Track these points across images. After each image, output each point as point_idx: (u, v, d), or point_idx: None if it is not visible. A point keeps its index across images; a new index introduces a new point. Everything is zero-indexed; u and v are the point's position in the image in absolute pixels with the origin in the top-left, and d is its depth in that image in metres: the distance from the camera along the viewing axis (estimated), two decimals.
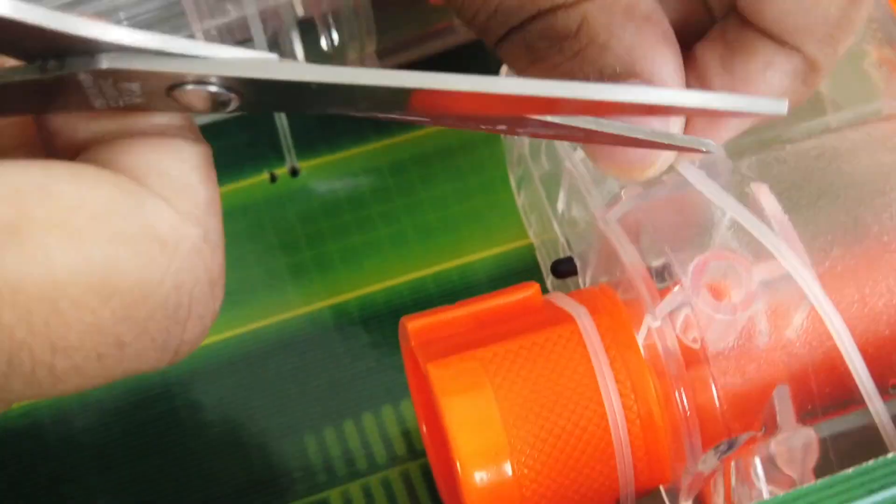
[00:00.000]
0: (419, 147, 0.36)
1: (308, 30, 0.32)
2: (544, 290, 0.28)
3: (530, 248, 0.33)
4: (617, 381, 0.24)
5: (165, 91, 0.18)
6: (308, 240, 0.34)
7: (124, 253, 0.17)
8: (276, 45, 0.32)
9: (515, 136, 0.31)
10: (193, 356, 0.32)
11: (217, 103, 0.19)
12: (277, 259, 0.34)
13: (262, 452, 0.31)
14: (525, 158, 0.31)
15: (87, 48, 0.18)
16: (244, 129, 0.36)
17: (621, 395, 0.24)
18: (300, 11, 0.31)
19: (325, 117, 0.36)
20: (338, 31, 0.33)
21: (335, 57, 0.33)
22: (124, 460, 0.31)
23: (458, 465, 0.24)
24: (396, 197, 0.35)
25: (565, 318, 0.25)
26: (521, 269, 0.34)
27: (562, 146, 0.27)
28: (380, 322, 0.33)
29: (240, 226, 0.34)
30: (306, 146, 0.35)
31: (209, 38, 0.31)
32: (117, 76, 0.18)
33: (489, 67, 0.37)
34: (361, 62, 0.35)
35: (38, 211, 0.17)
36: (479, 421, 0.24)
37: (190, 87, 0.18)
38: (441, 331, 0.26)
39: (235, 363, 0.32)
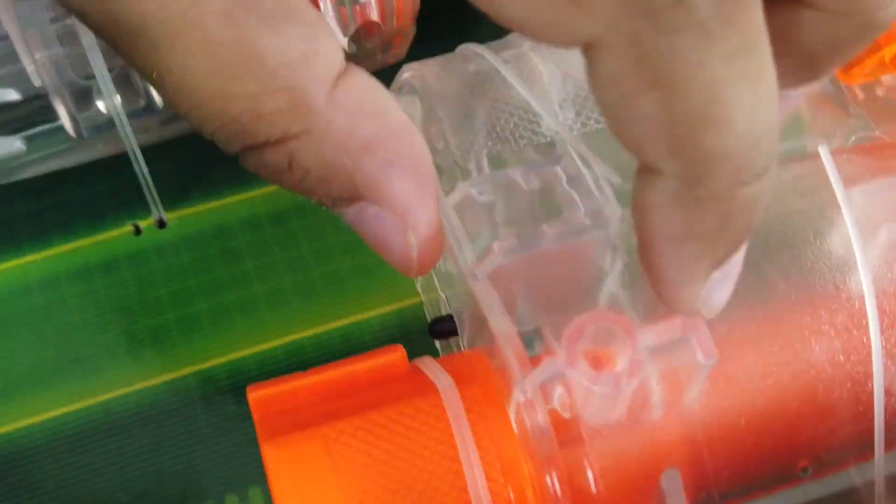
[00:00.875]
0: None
1: None
2: (434, 353, 0.25)
3: (420, 308, 0.30)
4: (483, 462, 0.20)
5: None
6: (173, 299, 0.30)
7: None
8: (128, 77, 0.28)
9: None
10: (32, 430, 0.28)
11: None
12: (139, 320, 0.30)
13: None
14: None
15: None
16: (105, 176, 0.32)
17: (489, 478, 0.20)
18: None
19: (195, 163, 0.32)
20: None
21: None
22: None
23: None
24: (276, 250, 0.31)
25: (428, 389, 0.21)
26: (415, 329, 0.30)
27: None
28: (224, 398, 0.29)
29: (98, 284, 0.31)
30: (176, 194, 0.32)
31: (45, 72, 0.27)
32: None
33: None
34: None
35: None
36: None
37: None
38: (289, 401, 0.22)
39: (83, 440, 0.28)
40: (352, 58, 0.30)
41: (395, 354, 0.23)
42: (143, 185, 0.31)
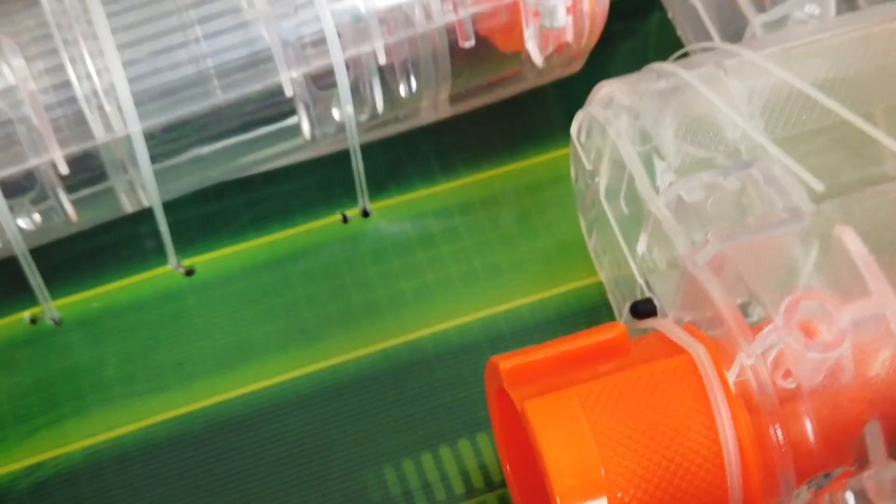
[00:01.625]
0: (486, 189, 0.37)
1: (387, 76, 0.34)
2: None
3: (597, 287, 0.35)
4: (732, 414, 0.25)
5: None
6: (381, 278, 0.35)
7: None
8: (357, 91, 0.33)
9: (588, 184, 0.32)
10: (272, 392, 0.33)
11: None
12: (352, 297, 0.35)
13: (341, 485, 0.32)
14: (600, 203, 0.32)
15: None
16: (316, 172, 0.37)
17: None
18: (382, 59, 0.33)
19: (392, 161, 0.37)
20: (416, 77, 0.34)
21: (410, 102, 0.35)
22: (206, 494, 0.32)
23: (557, 500, 0.25)
24: (466, 236, 0.36)
25: (677, 350, 0.26)
26: (589, 307, 0.35)
27: (645, 190, 0.29)
28: (454, 358, 0.34)
29: (314, 264, 0.35)
30: (377, 188, 0.36)
31: (296, 85, 0.32)
32: None
33: (551, 114, 0.38)
34: (434, 107, 0.36)
35: None
36: (577, 457, 0.25)
37: None
38: (532, 370, 0.27)
39: (313, 399, 0.33)
40: (536, 71, 0.35)
41: (617, 331, 0.27)
42: (357, 179, 0.35)
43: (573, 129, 0.32)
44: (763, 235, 0.26)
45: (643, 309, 0.29)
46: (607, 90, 0.31)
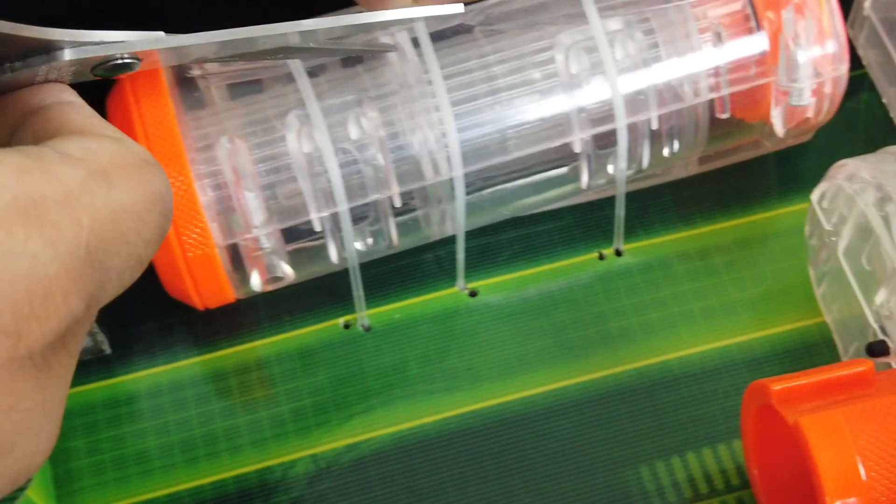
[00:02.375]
0: (720, 237, 0.43)
1: (655, 139, 0.40)
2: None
3: (817, 327, 0.41)
4: None
5: (91, 69, 0.26)
6: (633, 308, 0.42)
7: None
8: (631, 150, 0.40)
9: (825, 242, 0.38)
10: (545, 397, 0.39)
11: (124, 66, 0.27)
12: (609, 322, 0.41)
13: (604, 479, 0.38)
14: (836, 258, 0.38)
15: (48, 47, 0.25)
16: (576, 215, 0.43)
17: None
18: (654, 125, 0.39)
19: (642, 211, 0.43)
20: (678, 140, 0.40)
21: (669, 161, 0.41)
22: (494, 478, 0.38)
23: (826, 497, 0.31)
24: (704, 277, 0.42)
25: None
26: (811, 344, 0.41)
27: (891, 252, 0.35)
28: (696, 379, 0.40)
29: (576, 293, 0.42)
30: (627, 231, 0.43)
31: (583, 143, 0.39)
32: (70, 63, 0.26)
33: (770, 179, 0.44)
34: (685, 166, 0.42)
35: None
36: (843, 463, 0.31)
37: (109, 63, 0.26)
38: (796, 393, 0.33)
39: (579, 405, 0.40)
40: (774, 141, 0.41)
41: (865, 366, 0.34)
42: (616, 223, 0.42)
43: (814, 196, 0.39)
44: None
45: (878, 349, 0.36)
46: (851, 167, 0.37)
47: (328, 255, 0.38)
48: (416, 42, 0.37)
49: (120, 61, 0.27)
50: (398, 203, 0.38)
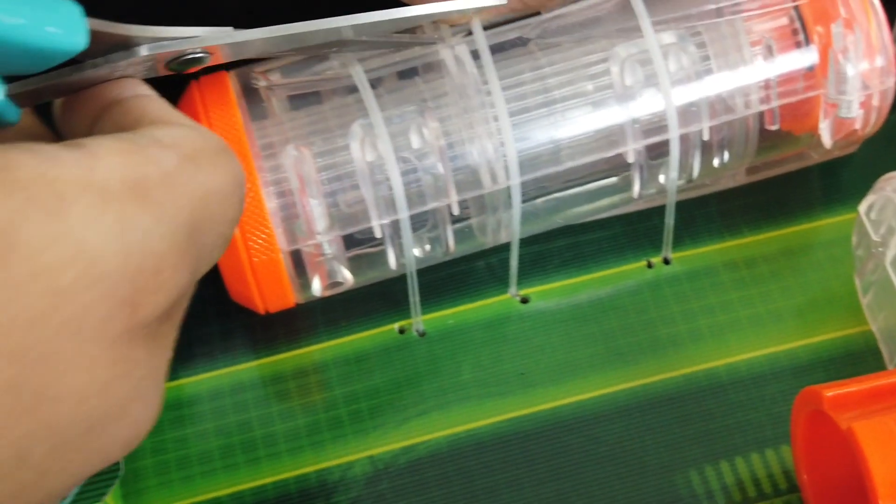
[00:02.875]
0: (766, 247, 0.44)
1: (705, 150, 0.41)
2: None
3: (862, 336, 0.41)
4: None
5: (165, 63, 0.29)
6: (682, 316, 0.42)
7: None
8: (682, 161, 0.41)
9: (872, 252, 0.39)
10: (595, 401, 0.40)
11: (195, 61, 0.29)
12: (658, 329, 0.42)
13: (654, 483, 0.39)
14: (884, 268, 0.39)
15: (127, 43, 0.27)
16: (624, 224, 0.44)
17: None
18: (706, 137, 0.40)
19: (689, 221, 0.44)
20: (728, 151, 0.41)
21: (719, 171, 0.42)
22: (546, 480, 0.39)
23: (878, 499, 0.32)
24: (751, 286, 0.43)
25: None
26: (856, 352, 0.41)
27: None
28: (744, 386, 0.41)
29: (626, 301, 0.43)
30: (674, 241, 0.44)
31: (636, 154, 0.40)
32: (145, 59, 0.28)
33: (814, 190, 0.45)
34: (733, 176, 0.43)
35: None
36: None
37: (182, 58, 0.29)
38: (847, 399, 0.34)
39: (629, 410, 0.40)
40: (821, 152, 0.42)
41: None
42: (665, 232, 0.43)
43: (862, 207, 0.40)
44: None
45: None
46: None
47: (387, 261, 0.39)
48: (474, 54, 0.38)
49: (191, 55, 0.29)
50: (456, 211, 0.39)
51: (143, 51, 0.27)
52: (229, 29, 0.30)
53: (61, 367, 0.22)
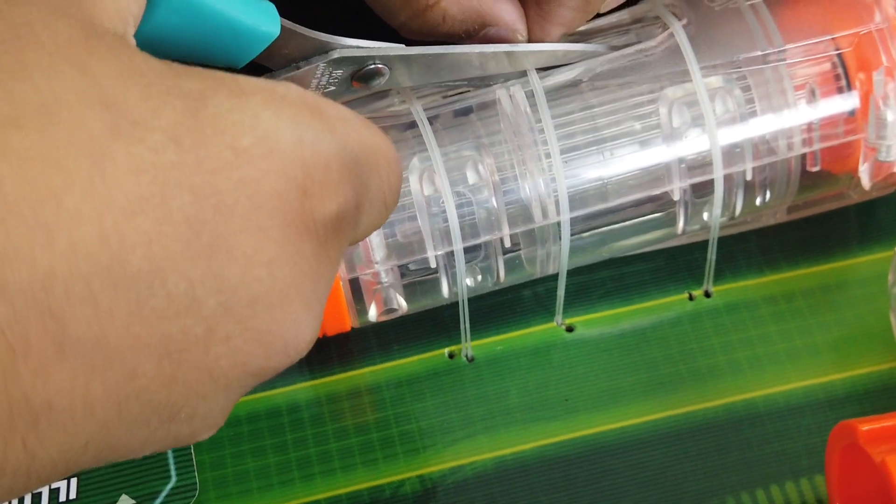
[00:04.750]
0: (806, 282, 0.45)
1: (748, 188, 0.43)
2: None
3: (890, 372, 0.43)
4: None
5: (351, 76, 0.34)
6: (721, 347, 0.44)
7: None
8: (729, 200, 0.42)
9: None
10: (637, 428, 0.42)
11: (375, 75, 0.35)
12: (698, 360, 0.44)
13: None
14: None
15: (323, 48, 0.33)
16: (666, 257, 0.46)
17: None
18: (749, 177, 0.42)
19: (729, 256, 0.46)
20: (770, 191, 0.43)
21: (760, 209, 0.44)
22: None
23: None
24: (790, 320, 0.45)
25: None
26: (891, 386, 0.43)
27: None
28: (781, 417, 0.42)
29: (667, 331, 0.44)
30: (716, 273, 0.45)
31: (681, 192, 0.41)
32: (336, 64, 0.33)
33: (851, 228, 0.47)
34: (774, 214, 0.45)
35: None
36: None
37: (364, 70, 0.34)
38: (883, 433, 0.36)
39: (669, 437, 0.42)
40: (860, 192, 0.44)
41: None
42: (707, 266, 0.44)
43: None
44: None
45: None
46: None
47: (440, 290, 0.41)
48: (528, 94, 0.40)
49: (372, 66, 0.34)
50: (508, 244, 0.41)
51: (336, 54, 0.32)
52: (402, 45, 0.34)
53: (236, 223, 0.23)
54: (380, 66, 0.33)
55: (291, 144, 0.24)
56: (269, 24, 0.29)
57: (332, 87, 0.34)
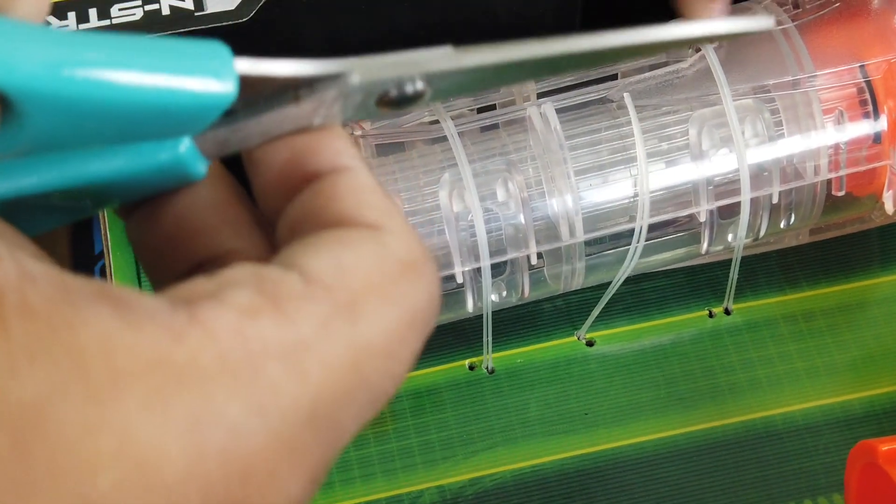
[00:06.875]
0: (825, 301, 0.46)
1: (774, 211, 0.43)
2: None
3: None
4: None
5: (375, 100, 0.23)
6: (741, 364, 0.44)
7: None
8: (754, 223, 0.42)
9: None
10: (656, 443, 0.42)
11: (416, 95, 0.23)
12: (717, 376, 0.44)
13: None
14: None
15: (336, 73, 0.22)
16: (687, 274, 0.46)
17: None
18: (775, 200, 0.42)
19: (750, 274, 0.46)
20: (795, 213, 0.43)
21: (785, 231, 0.44)
22: None
23: None
24: (809, 339, 0.45)
25: None
26: None
27: None
28: (799, 435, 0.43)
29: (687, 347, 0.45)
30: (737, 291, 0.46)
31: (707, 214, 0.42)
32: (358, 88, 0.22)
33: (873, 249, 0.47)
34: (797, 235, 0.45)
35: None
36: None
37: (394, 91, 0.22)
38: None
39: (687, 453, 0.42)
40: (882, 216, 0.44)
41: None
42: (729, 285, 0.45)
43: None
44: None
45: None
46: None
47: (465, 304, 0.42)
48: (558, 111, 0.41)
49: (410, 86, 0.23)
50: (535, 261, 0.41)
51: (355, 78, 0.22)
52: (448, 48, 0.23)
53: None
54: (419, 87, 0.23)
55: (184, 465, 0.17)
56: (214, 82, 0.20)
57: (350, 117, 0.23)
